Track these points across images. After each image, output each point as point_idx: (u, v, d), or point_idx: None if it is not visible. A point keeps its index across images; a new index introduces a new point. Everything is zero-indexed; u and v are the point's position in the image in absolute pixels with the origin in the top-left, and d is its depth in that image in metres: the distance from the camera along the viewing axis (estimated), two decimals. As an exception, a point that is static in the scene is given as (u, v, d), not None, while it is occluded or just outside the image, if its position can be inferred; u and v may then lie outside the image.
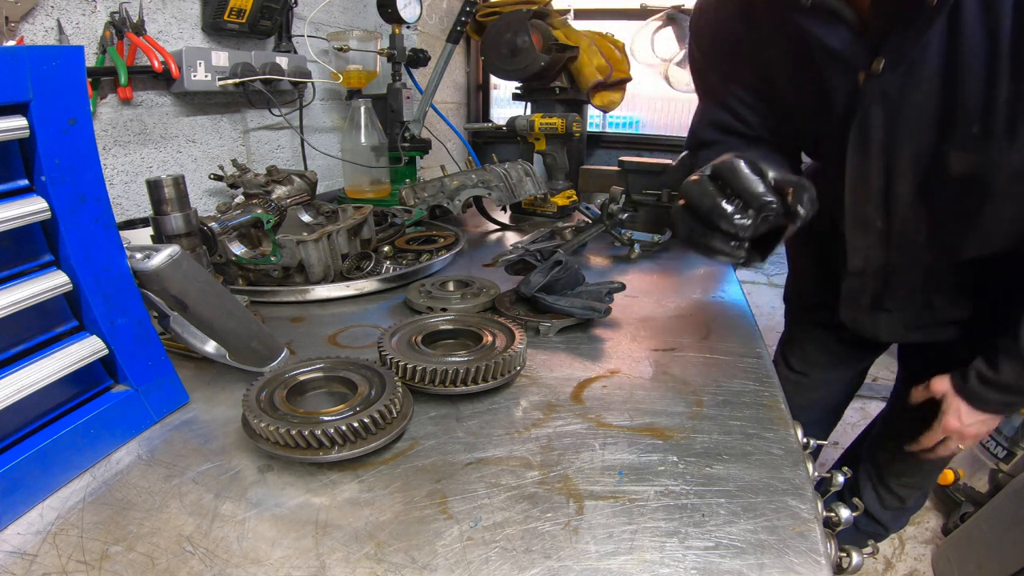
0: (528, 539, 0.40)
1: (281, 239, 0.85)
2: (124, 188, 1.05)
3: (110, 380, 0.52)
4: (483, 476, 0.47)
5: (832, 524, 0.59)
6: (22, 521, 0.42)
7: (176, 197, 0.69)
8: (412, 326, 0.66)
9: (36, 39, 0.87)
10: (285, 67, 1.23)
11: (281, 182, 1.03)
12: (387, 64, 1.42)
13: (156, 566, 0.38)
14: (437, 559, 0.39)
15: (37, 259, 0.46)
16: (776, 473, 0.47)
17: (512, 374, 0.60)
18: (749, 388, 0.62)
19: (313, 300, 0.87)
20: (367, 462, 0.49)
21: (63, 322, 0.48)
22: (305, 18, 1.31)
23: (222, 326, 0.57)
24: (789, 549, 0.40)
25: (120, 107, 1.02)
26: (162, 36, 1.07)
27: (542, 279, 0.75)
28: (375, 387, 0.53)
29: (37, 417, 0.46)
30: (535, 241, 1.13)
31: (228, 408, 0.57)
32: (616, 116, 2.34)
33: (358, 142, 1.36)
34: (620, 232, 1.11)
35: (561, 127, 1.38)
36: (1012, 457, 1.50)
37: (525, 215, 1.45)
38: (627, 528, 0.41)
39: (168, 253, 0.51)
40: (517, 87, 1.81)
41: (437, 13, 1.98)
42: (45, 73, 0.42)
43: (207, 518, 0.42)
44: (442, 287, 0.85)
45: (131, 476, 0.47)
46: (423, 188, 1.20)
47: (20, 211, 0.42)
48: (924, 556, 1.47)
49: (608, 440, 0.52)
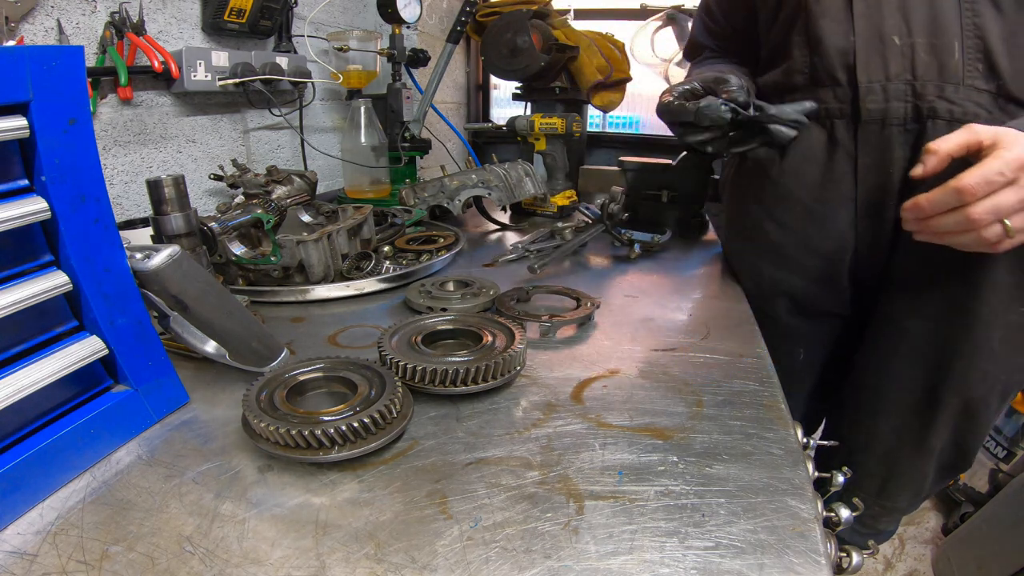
0: (528, 539, 0.40)
1: (281, 239, 0.85)
2: (124, 188, 1.05)
3: (110, 380, 0.52)
4: (483, 476, 0.47)
5: (832, 524, 0.59)
6: (22, 521, 0.42)
7: (176, 197, 0.69)
8: (412, 326, 0.66)
9: (36, 39, 0.87)
10: (285, 67, 1.23)
11: (281, 182, 1.03)
12: (387, 64, 1.42)
13: (156, 566, 0.38)
14: (437, 559, 0.39)
15: (37, 259, 0.46)
16: (776, 473, 0.47)
17: (512, 374, 0.60)
18: (749, 388, 0.62)
19: (313, 300, 0.87)
20: (367, 462, 0.49)
21: (63, 322, 0.48)
22: (305, 18, 1.31)
23: (222, 326, 0.57)
24: (789, 549, 0.40)
25: (120, 107, 1.02)
26: (162, 36, 1.07)
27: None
28: (375, 387, 0.53)
29: (37, 417, 0.46)
30: (535, 241, 1.13)
31: (228, 408, 0.57)
32: (616, 116, 2.34)
33: (358, 142, 1.36)
34: (620, 232, 1.11)
35: (561, 127, 1.38)
36: (1012, 457, 1.50)
37: (525, 215, 1.45)
38: (627, 528, 0.41)
39: (168, 253, 0.51)
40: (517, 87, 1.81)
41: (437, 13, 1.98)
42: (45, 73, 0.42)
43: (207, 518, 0.42)
44: (442, 287, 0.85)
45: (131, 476, 0.47)
46: (423, 188, 1.20)
47: (20, 211, 0.42)
48: (924, 556, 1.47)
49: (608, 440, 0.52)
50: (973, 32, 0.68)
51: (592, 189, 1.63)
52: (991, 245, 0.61)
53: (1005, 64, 0.68)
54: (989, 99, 0.70)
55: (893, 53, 0.71)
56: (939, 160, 0.61)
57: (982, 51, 0.68)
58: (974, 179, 0.57)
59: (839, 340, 0.97)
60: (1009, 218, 0.59)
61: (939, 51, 0.69)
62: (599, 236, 1.12)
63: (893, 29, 0.71)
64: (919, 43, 0.70)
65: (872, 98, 0.74)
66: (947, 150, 0.61)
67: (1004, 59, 0.67)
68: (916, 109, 0.72)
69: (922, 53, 0.70)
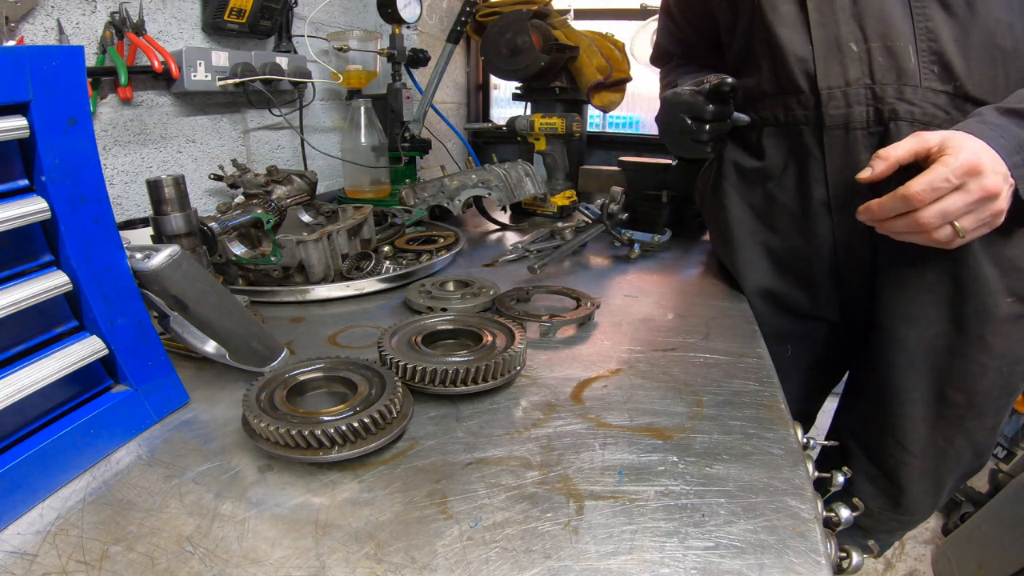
0: (528, 539, 0.40)
1: (281, 239, 0.85)
2: (124, 188, 1.05)
3: (110, 380, 0.52)
4: (483, 476, 0.47)
5: (832, 524, 0.59)
6: (22, 521, 0.42)
7: (176, 197, 0.69)
8: (412, 326, 0.66)
9: (36, 39, 0.87)
10: (285, 67, 1.23)
11: (281, 182, 1.03)
12: (387, 64, 1.42)
13: (156, 566, 0.38)
14: (437, 559, 0.39)
15: (37, 259, 0.46)
16: (776, 473, 0.47)
17: (512, 374, 0.60)
18: (749, 388, 0.62)
19: (313, 300, 0.87)
20: (367, 462, 0.49)
21: (63, 322, 0.48)
22: (305, 18, 1.31)
23: (222, 326, 0.57)
24: (789, 549, 0.40)
25: (120, 107, 1.02)
26: (162, 36, 1.07)
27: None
28: (375, 387, 0.53)
29: (37, 417, 0.46)
30: (535, 241, 1.13)
31: (228, 408, 0.57)
32: (616, 116, 2.34)
33: (358, 142, 1.36)
34: (620, 232, 1.11)
35: (561, 127, 1.38)
36: (1012, 457, 1.50)
37: (525, 215, 1.45)
38: (627, 528, 0.41)
39: (168, 253, 0.51)
40: (517, 87, 1.81)
41: (437, 13, 1.98)
42: (45, 73, 0.42)
43: (207, 518, 0.42)
44: (442, 287, 0.85)
45: (131, 476, 0.47)
46: (423, 188, 1.20)
47: (20, 211, 0.42)
48: (924, 556, 1.47)
49: (608, 440, 0.52)
50: (926, 35, 0.69)
51: (592, 189, 1.64)
52: (945, 244, 0.64)
53: (960, 65, 0.69)
54: (947, 100, 0.71)
55: (851, 59, 0.72)
56: (887, 166, 0.64)
57: (936, 53, 0.69)
58: (920, 186, 0.60)
59: (830, 346, 0.97)
60: (958, 220, 0.61)
61: (895, 55, 0.70)
62: (599, 236, 1.12)
63: (849, 36, 0.72)
64: (875, 48, 0.71)
65: (834, 104, 0.75)
66: (896, 157, 0.64)
67: (958, 60, 0.68)
68: (878, 112, 0.73)
69: (879, 57, 0.71)
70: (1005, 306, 0.75)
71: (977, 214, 0.61)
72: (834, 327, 0.94)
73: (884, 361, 0.86)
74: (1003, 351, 0.77)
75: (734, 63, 0.90)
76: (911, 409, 0.85)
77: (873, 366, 0.88)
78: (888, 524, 1.00)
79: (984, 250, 0.73)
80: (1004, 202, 0.62)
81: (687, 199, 1.22)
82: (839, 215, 0.81)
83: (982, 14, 0.66)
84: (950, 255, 0.74)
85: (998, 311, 0.75)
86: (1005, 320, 0.76)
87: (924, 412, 0.84)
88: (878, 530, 1.03)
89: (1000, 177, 0.60)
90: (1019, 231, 0.73)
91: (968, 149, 0.60)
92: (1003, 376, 0.80)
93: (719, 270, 1.02)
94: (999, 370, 0.79)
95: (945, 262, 0.75)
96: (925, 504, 0.95)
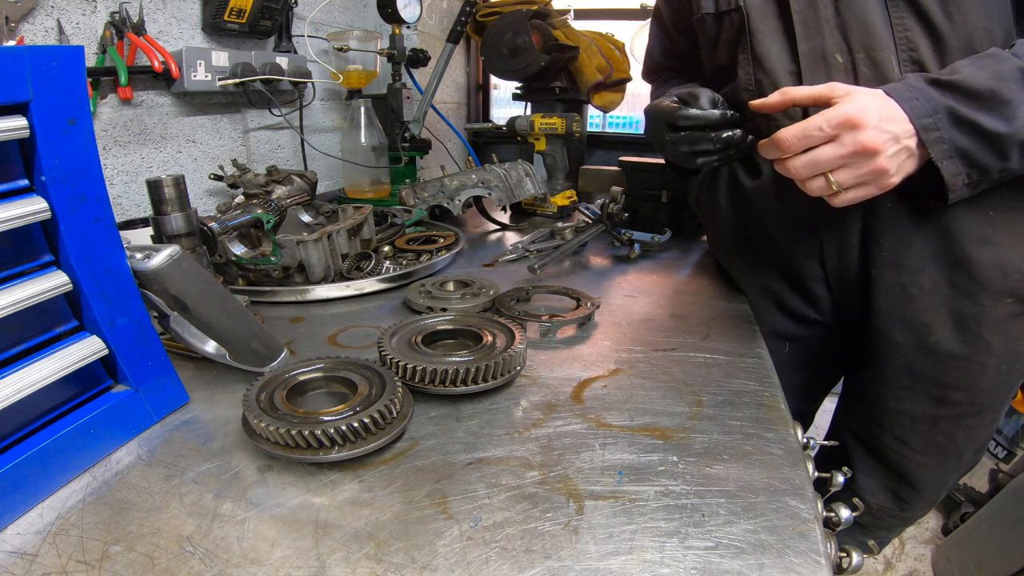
0: (528, 539, 0.40)
1: (281, 239, 0.85)
2: (124, 188, 1.05)
3: (110, 380, 0.52)
4: (483, 476, 0.47)
5: (832, 524, 0.59)
6: (22, 521, 0.42)
7: (176, 197, 0.69)
8: (412, 326, 0.66)
9: (36, 39, 0.87)
10: (285, 67, 1.23)
11: (281, 182, 1.03)
12: (387, 64, 1.42)
13: (156, 566, 0.38)
14: (437, 559, 0.39)
15: (37, 259, 0.46)
16: (776, 473, 0.47)
17: (512, 374, 0.60)
18: (749, 388, 0.62)
19: (313, 300, 0.87)
20: (367, 462, 0.49)
21: (63, 322, 0.48)
22: (305, 18, 1.31)
23: (222, 326, 0.57)
24: (789, 549, 0.40)
25: (120, 107, 1.02)
26: (162, 36, 1.07)
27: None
28: (375, 387, 0.53)
29: (37, 417, 0.46)
30: (535, 241, 1.13)
31: (228, 408, 0.57)
32: (616, 116, 2.34)
33: (358, 142, 1.36)
34: (620, 232, 1.11)
35: (561, 127, 1.38)
36: (1012, 457, 1.50)
37: (525, 215, 1.45)
38: (627, 528, 0.41)
39: (168, 253, 0.51)
40: (517, 87, 1.81)
41: (437, 13, 1.98)
42: (45, 73, 0.42)
43: (207, 518, 0.42)
44: (442, 287, 0.85)
45: (131, 476, 0.47)
46: (423, 188, 1.20)
47: (20, 211, 0.42)
48: (924, 556, 1.47)
49: (608, 440, 0.52)
50: (906, 45, 0.69)
51: (592, 189, 1.64)
52: (827, 198, 0.63)
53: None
54: None
55: (837, 70, 0.73)
56: (780, 100, 0.64)
57: (916, 62, 0.69)
58: (790, 133, 0.60)
59: (827, 347, 0.97)
60: (832, 174, 0.60)
61: (879, 65, 0.70)
62: (599, 236, 1.13)
63: (834, 47, 0.72)
64: (860, 58, 0.71)
65: None
66: (793, 96, 0.64)
67: (937, 68, 0.69)
68: None
69: (864, 68, 0.71)
70: (1004, 307, 0.75)
71: (853, 169, 0.59)
72: (830, 330, 0.94)
73: (881, 364, 0.86)
74: (1003, 350, 0.78)
75: (714, 74, 0.89)
76: (911, 408, 0.85)
77: (871, 368, 0.89)
78: (888, 521, 1.01)
79: (983, 251, 0.73)
80: (887, 161, 0.59)
81: (687, 199, 1.22)
82: (827, 220, 0.81)
83: (959, 21, 0.66)
84: (945, 259, 0.74)
85: (998, 312, 0.75)
86: (1005, 319, 0.76)
87: (924, 411, 0.85)
88: (878, 527, 1.04)
89: (885, 136, 0.58)
90: (1019, 231, 0.73)
91: (856, 103, 0.58)
92: (1003, 374, 0.80)
93: (719, 270, 1.02)
94: (998, 368, 0.79)
95: (941, 267, 0.75)
96: (926, 499, 0.96)
